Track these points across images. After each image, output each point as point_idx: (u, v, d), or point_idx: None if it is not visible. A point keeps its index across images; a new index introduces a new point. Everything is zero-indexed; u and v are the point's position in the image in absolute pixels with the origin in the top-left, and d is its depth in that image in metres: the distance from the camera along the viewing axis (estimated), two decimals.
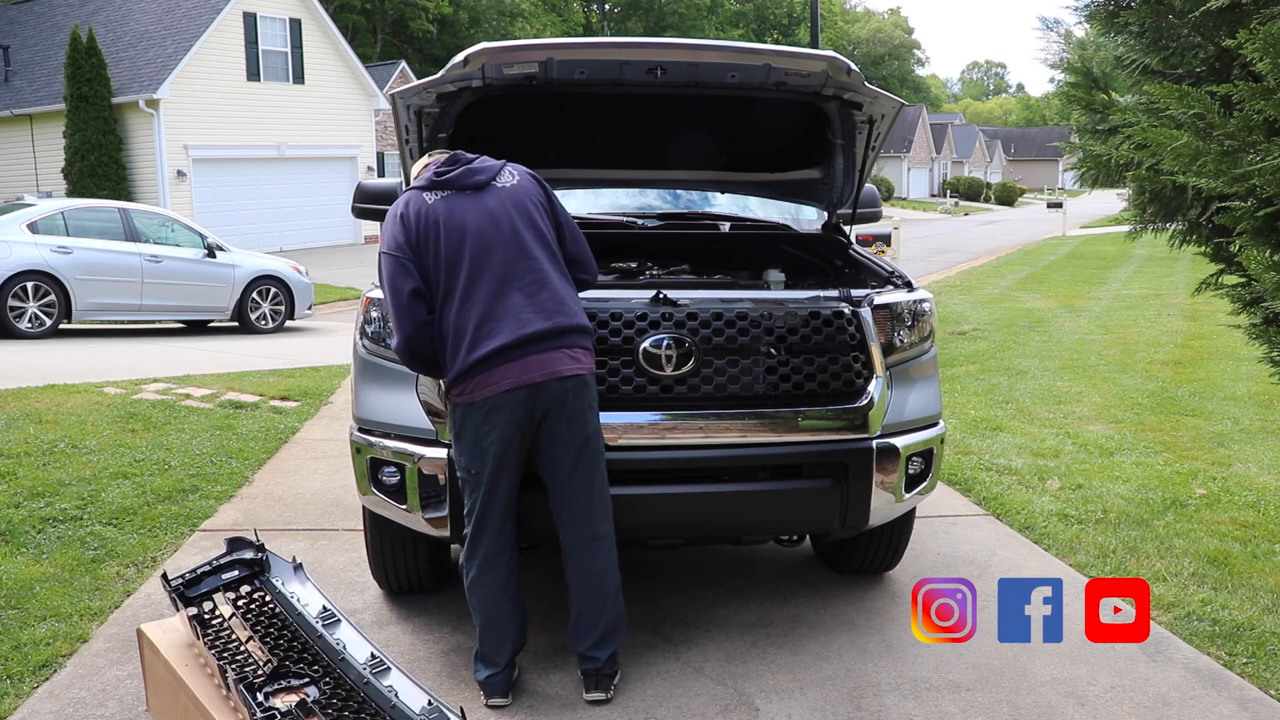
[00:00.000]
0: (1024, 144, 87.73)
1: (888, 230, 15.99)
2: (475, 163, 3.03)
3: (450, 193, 2.97)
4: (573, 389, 2.88)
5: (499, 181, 3.01)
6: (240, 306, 12.47)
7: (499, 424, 2.86)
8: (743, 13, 68.93)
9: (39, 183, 22.07)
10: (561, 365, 2.86)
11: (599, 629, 3.01)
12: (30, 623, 3.48)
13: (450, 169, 3.01)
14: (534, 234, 2.95)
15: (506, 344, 2.82)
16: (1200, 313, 11.92)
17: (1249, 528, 4.58)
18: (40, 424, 6.08)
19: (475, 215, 2.93)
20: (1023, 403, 7.38)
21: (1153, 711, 3.02)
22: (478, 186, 2.98)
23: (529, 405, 2.86)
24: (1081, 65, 4.18)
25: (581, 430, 2.91)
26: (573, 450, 2.92)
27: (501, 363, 2.83)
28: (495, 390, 2.84)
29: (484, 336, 2.84)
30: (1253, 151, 2.94)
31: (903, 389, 3.40)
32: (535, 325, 2.84)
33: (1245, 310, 3.85)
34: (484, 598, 2.99)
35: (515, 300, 2.86)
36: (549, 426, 2.90)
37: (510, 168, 3.06)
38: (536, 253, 2.93)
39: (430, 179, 3.01)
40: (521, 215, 2.96)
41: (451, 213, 2.93)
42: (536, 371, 2.84)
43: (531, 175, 3.09)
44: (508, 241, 2.91)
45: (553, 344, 2.86)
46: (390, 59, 38.27)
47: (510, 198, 2.98)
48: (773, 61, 3.54)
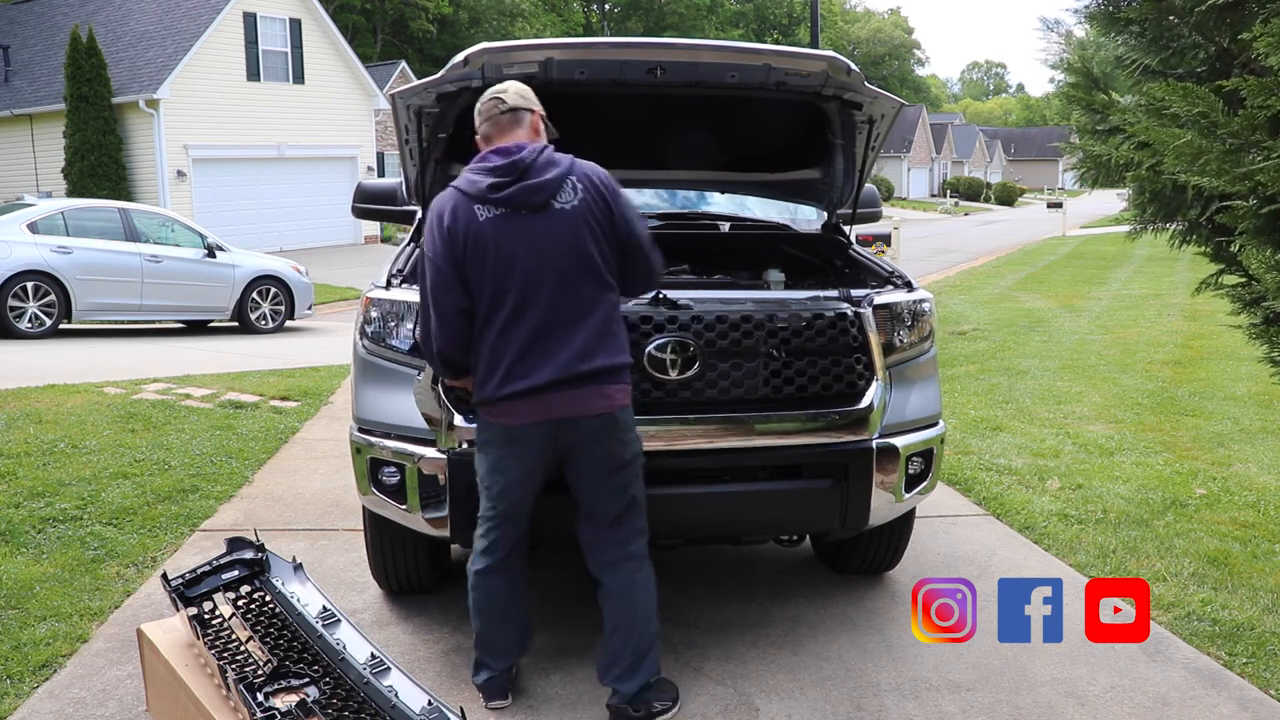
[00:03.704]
0: (1024, 144, 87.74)
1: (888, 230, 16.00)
2: (533, 175, 2.76)
3: (504, 212, 2.75)
4: (602, 426, 2.79)
5: (559, 200, 2.77)
6: (240, 306, 12.48)
7: (518, 453, 2.83)
8: (743, 13, 68.92)
9: (39, 183, 22.07)
10: (590, 403, 2.77)
11: (626, 656, 2.87)
12: (30, 623, 3.48)
13: (506, 182, 2.76)
14: (586, 268, 2.77)
15: (538, 385, 2.74)
16: (1200, 313, 11.92)
17: (1249, 528, 4.58)
18: (40, 424, 6.08)
19: (527, 247, 2.74)
20: (1023, 403, 7.38)
21: (1153, 711, 3.02)
22: (534, 207, 2.76)
23: (553, 438, 2.80)
24: (1081, 65, 4.18)
25: (611, 461, 2.83)
26: (602, 477, 2.85)
27: (532, 398, 2.76)
28: (520, 421, 2.79)
29: (517, 375, 2.75)
30: (1256, 150, 2.94)
31: (903, 389, 3.39)
32: (571, 368, 2.74)
33: (1246, 310, 3.85)
34: (487, 604, 2.96)
35: (555, 341, 2.75)
36: (577, 458, 2.84)
37: (574, 178, 2.80)
38: (585, 287, 2.76)
39: (485, 189, 2.77)
40: (575, 246, 2.76)
41: (502, 239, 2.74)
42: (564, 408, 2.76)
43: (594, 185, 2.82)
44: (556, 277, 2.74)
45: (586, 384, 2.76)
46: (390, 59, 38.27)
47: (570, 224, 2.76)
48: (773, 61, 3.54)
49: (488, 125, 2.91)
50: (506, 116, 2.89)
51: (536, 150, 2.81)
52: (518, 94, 2.93)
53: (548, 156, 2.82)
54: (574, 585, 3.90)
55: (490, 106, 2.91)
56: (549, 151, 2.84)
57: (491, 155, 2.83)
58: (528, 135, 2.89)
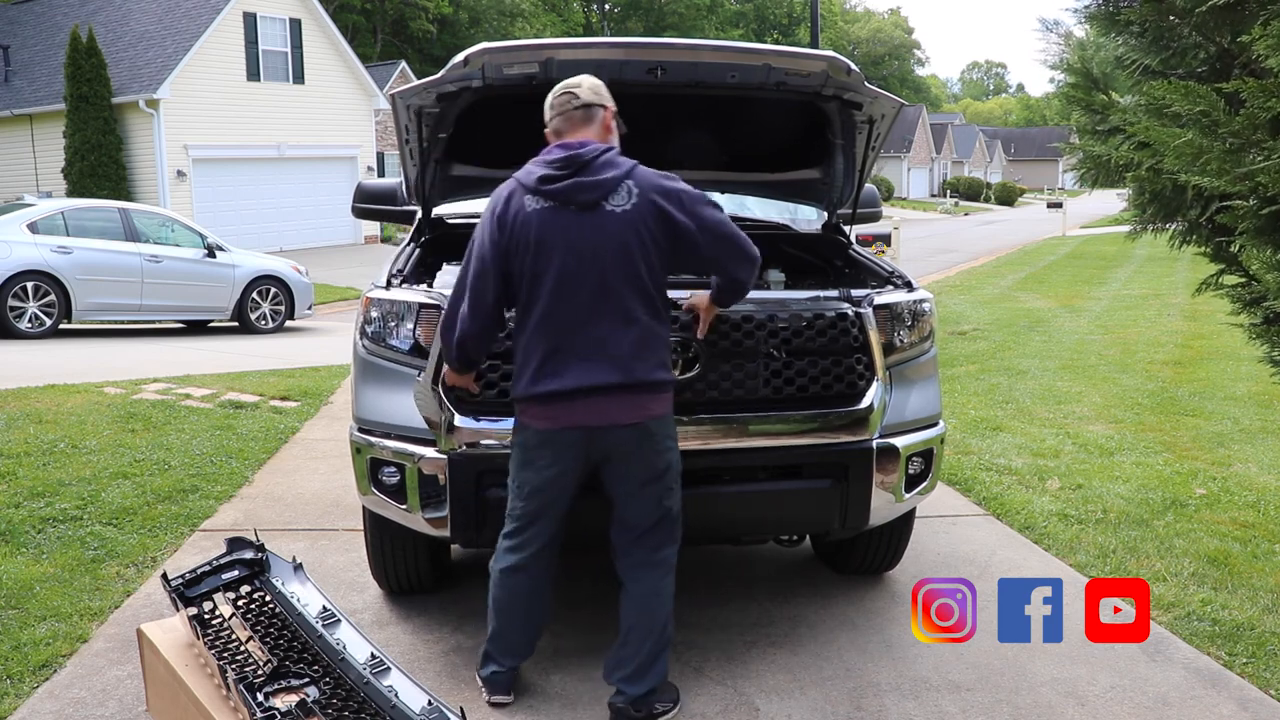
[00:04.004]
0: (1024, 144, 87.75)
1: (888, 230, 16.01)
2: (588, 172, 2.72)
3: (553, 205, 2.72)
4: (634, 435, 2.77)
5: (611, 203, 2.71)
6: (240, 306, 12.48)
7: (549, 457, 2.80)
8: (743, 13, 68.92)
9: (39, 183, 22.07)
10: (622, 414, 2.74)
11: (638, 659, 2.85)
12: (30, 623, 3.48)
13: (562, 174, 2.73)
14: (628, 275, 2.71)
15: (567, 389, 2.72)
16: (1200, 313, 11.92)
17: (1249, 528, 4.58)
18: (40, 424, 6.08)
19: (569, 244, 2.70)
20: (1023, 403, 7.38)
21: (1153, 711, 3.02)
22: (583, 205, 2.72)
23: (584, 445, 2.78)
24: (1081, 66, 4.18)
25: (645, 471, 2.82)
26: (635, 487, 2.84)
27: (559, 403, 2.74)
28: (550, 425, 2.77)
29: (548, 374, 2.73)
30: (1257, 150, 2.94)
31: (903, 389, 3.39)
32: (601, 377, 2.70)
33: (1246, 310, 3.85)
34: (508, 603, 2.94)
35: (588, 345, 2.71)
36: (611, 466, 2.83)
37: (631, 183, 2.74)
38: (626, 298, 2.71)
39: (538, 180, 2.75)
40: (620, 252, 2.70)
41: (545, 233, 2.71)
42: (595, 416, 2.74)
43: (656, 197, 2.74)
44: (595, 279, 2.70)
45: (617, 393, 2.73)
46: (390, 59, 38.27)
47: (617, 229, 2.70)
48: (773, 61, 3.54)
49: (559, 120, 2.87)
50: (579, 112, 2.86)
51: (599, 150, 2.77)
52: (591, 89, 2.89)
53: (609, 158, 2.77)
54: (574, 586, 3.90)
55: (563, 101, 2.87)
56: (613, 153, 2.80)
57: (555, 149, 2.81)
58: (598, 132, 2.86)
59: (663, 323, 2.82)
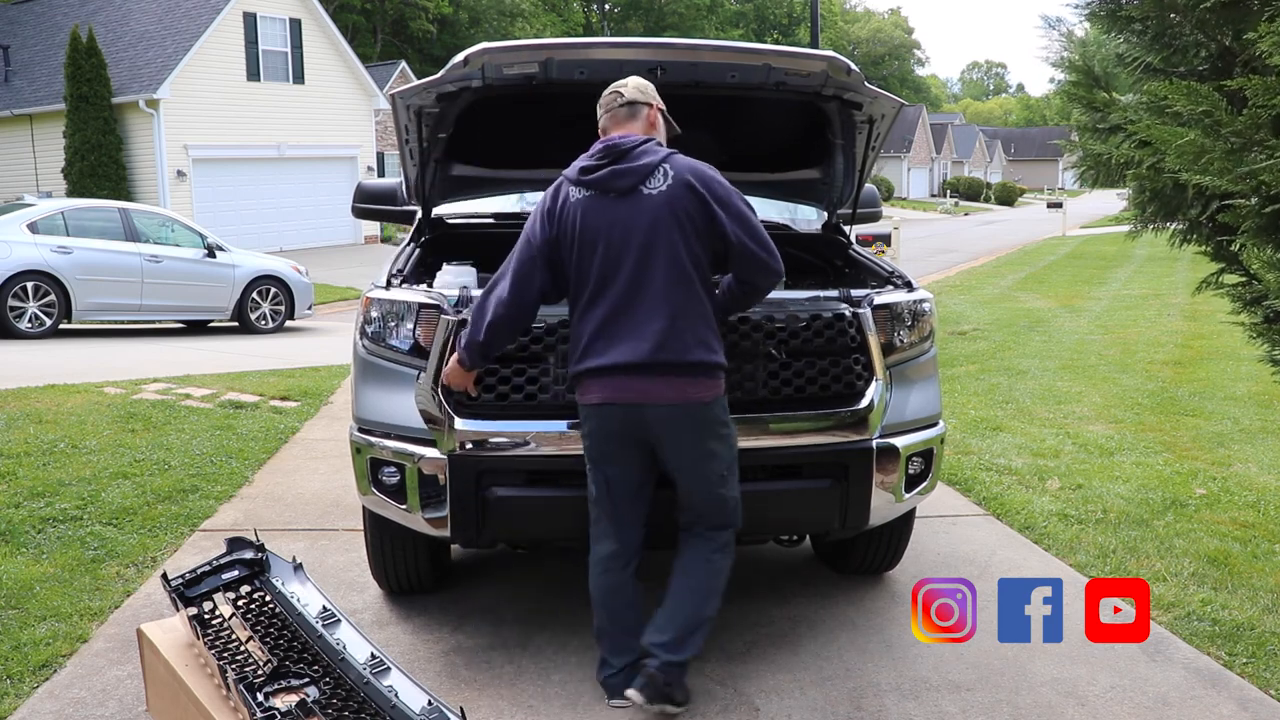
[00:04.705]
0: (1024, 144, 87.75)
1: (888, 230, 16.01)
2: (625, 160, 2.85)
3: (593, 193, 2.87)
4: (674, 415, 2.83)
5: (648, 186, 2.83)
6: (240, 306, 12.48)
7: (594, 431, 2.90)
8: (743, 13, 68.92)
9: (39, 183, 22.07)
10: (661, 393, 2.81)
11: (678, 627, 2.90)
12: (30, 623, 3.47)
13: (600, 165, 2.87)
14: (664, 254, 2.81)
15: (608, 365, 2.82)
16: (1200, 313, 11.92)
17: (1249, 528, 4.57)
18: (40, 424, 6.08)
19: (610, 228, 2.83)
20: (1023, 403, 7.38)
21: (1153, 711, 3.02)
22: (621, 191, 2.84)
23: (626, 422, 2.86)
24: (1083, 64, 4.18)
25: (691, 453, 2.88)
26: (688, 467, 2.90)
27: (601, 379, 2.84)
28: (592, 400, 2.88)
29: (592, 353, 2.85)
30: (1259, 149, 2.94)
31: (903, 389, 3.39)
32: (639, 354, 2.79)
33: (1246, 309, 3.85)
34: (599, 598, 3.00)
35: (630, 324, 2.81)
36: (663, 449, 2.90)
37: (667, 166, 2.85)
38: (662, 275, 2.80)
39: (579, 171, 2.90)
40: (659, 233, 2.81)
41: (588, 219, 2.85)
42: (632, 393, 2.82)
43: (691, 179, 2.84)
44: (636, 263, 2.81)
45: (658, 374, 2.81)
46: (390, 59, 38.26)
47: (653, 210, 2.81)
48: (773, 61, 3.54)
49: (606, 118, 3.02)
50: (623, 110, 3.00)
51: (637, 140, 2.90)
52: (636, 88, 3.03)
53: (647, 147, 2.89)
54: (574, 586, 3.90)
55: (609, 100, 3.02)
56: (651, 143, 2.91)
57: (598, 143, 2.95)
58: (643, 128, 2.99)
59: (703, 303, 2.87)
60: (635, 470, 2.93)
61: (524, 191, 4.49)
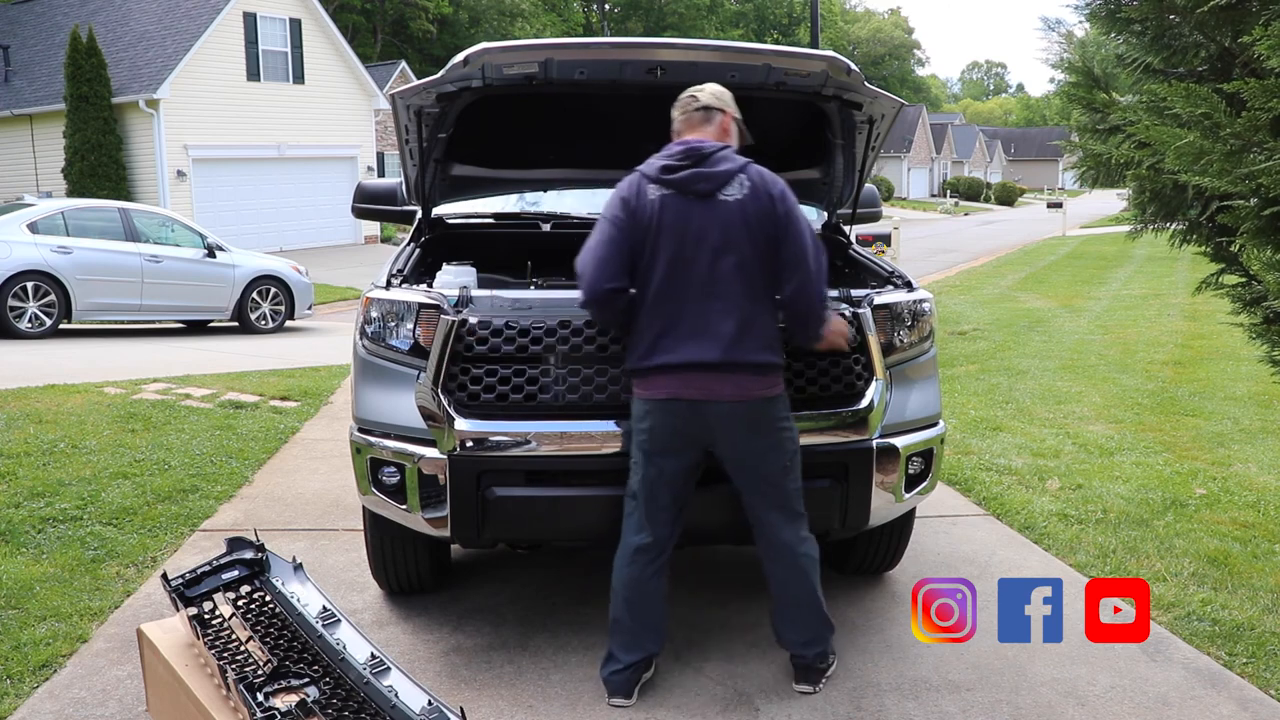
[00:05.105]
0: (1024, 144, 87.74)
1: (887, 230, 16.02)
2: (707, 164, 2.93)
3: (672, 193, 2.93)
4: (736, 412, 2.90)
5: (725, 193, 2.91)
6: (240, 306, 12.48)
7: (654, 428, 2.94)
8: (743, 13, 68.92)
9: (39, 183, 22.06)
10: (724, 390, 2.88)
11: (804, 630, 3.09)
12: (30, 623, 3.47)
13: (681, 165, 2.94)
14: (736, 262, 2.89)
15: (675, 363, 2.88)
16: (1200, 313, 11.92)
17: (1249, 528, 4.58)
18: (40, 424, 6.08)
19: (684, 230, 2.90)
20: (1023, 403, 7.38)
21: (1153, 711, 3.02)
22: (700, 195, 2.92)
23: (688, 419, 2.91)
24: (1082, 64, 4.18)
25: (750, 449, 2.95)
26: (749, 465, 2.97)
27: (668, 375, 2.90)
28: (653, 394, 2.93)
29: (658, 350, 2.91)
30: (1258, 150, 2.94)
31: (903, 389, 3.39)
32: (707, 354, 2.87)
33: (1246, 310, 3.85)
34: (621, 590, 3.03)
35: (697, 324, 2.89)
36: (721, 447, 2.96)
37: (745, 176, 2.94)
38: (734, 282, 2.89)
39: (659, 170, 2.95)
40: (732, 239, 2.89)
41: (664, 218, 2.91)
42: (698, 390, 2.89)
43: (764, 189, 2.93)
44: (707, 264, 2.89)
45: (723, 371, 2.88)
46: (390, 59, 38.26)
47: (729, 216, 2.90)
48: (773, 61, 3.54)
49: (680, 120, 3.10)
50: (699, 114, 3.08)
51: (717, 145, 2.99)
52: (713, 94, 3.11)
53: (726, 154, 2.98)
54: (574, 586, 3.90)
55: (686, 102, 3.11)
56: (729, 150, 3.00)
57: (676, 145, 3.03)
58: (716, 133, 3.07)
59: (768, 308, 2.96)
60: (688, 467, 2.99)
61: (524, 191, 4.50)
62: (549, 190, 4.50)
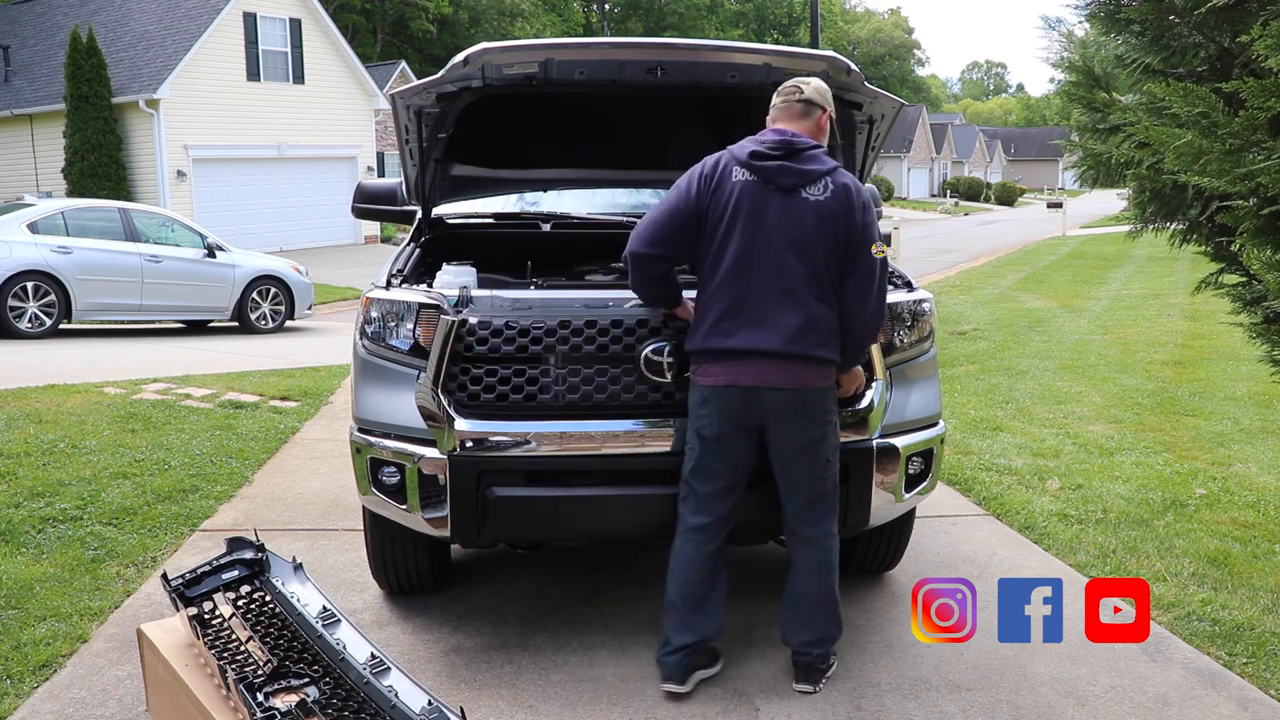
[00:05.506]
0: (1024, 144, 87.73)
1: (887, 230, 16.03)
2: (797, 160, 2.95)
3: (757, 180, 2.95)
4: (790, 400, 2.93)
5: (807, 192, 2.93)
6: (240, 306, 12.48)
7: (709, 414, 2.97)
8: (743, 13, 68.92)
9: (39, 183, 22.06)
10: (779, 377, 2.92)
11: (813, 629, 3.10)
12: (30, 623, 3.48)
13: (772, 154, 2.95)
14: (805, 260, 2.91)
15: (735, 349, 2.92)
16: (1200, 313, 11.92)
17: (1249, 528, 4.58)
18: (40, 424, 6.08)
19: (762, 218, 2.92)
20: (1023, 403, 7.38)
21: (1153, 711, 3.02)
22: (784, 188, 2.94)
23: (743, 405, 2.94)
24: (1083, 64, 4.18)
25: (800, 439, 2.98)
26: (793, 453, 3.00)
27: (722, 362, 2.94)
28: (711, 381, 2.96)
29: (718, 333, 2.94)
30: (1257, 150, 2.94)
31: (902, 389, 3.39)
32: (767, 343, 2.90)
33: (1246, 309, 3.85)
34: (674, 569, 3.06)
35: (760, 313, 2.91)
36: (771, 433, 2.99)
37: (830, 179, 2.95)
38: (801, 279, 2.92)
39: (749, 155, 2.96)
40: (808, 237, 2.91)
41: (744, 203, 2.94)
42: (754, 377, 2.92)
43: (847, 196, 2.95)
44: (776, 258, 2.91)
45: (778, 361, 2.91)
46: (390, 59, 38.25)
47: (808, 214, 2.92)
48: (773, 61, 3.55)
49: (780, 108, 3.10)
50: (799, 106, 3.07)
51: (811, 143, 3.00)
52: (816, 90, 3.11)
53: (818, 153, 3.00)
54: (574, 586, 3.90)
55: (789, 92, 3.10)
56: (821, 151, 3.02)
57: (770, 132, 3.04)
58: (811, 129, 3.07)
59: (831, 309, 2.98)
60: (744, 453, 3.01)
61: (524, 191, 4.50)
62: (549, 190, 4.50)
